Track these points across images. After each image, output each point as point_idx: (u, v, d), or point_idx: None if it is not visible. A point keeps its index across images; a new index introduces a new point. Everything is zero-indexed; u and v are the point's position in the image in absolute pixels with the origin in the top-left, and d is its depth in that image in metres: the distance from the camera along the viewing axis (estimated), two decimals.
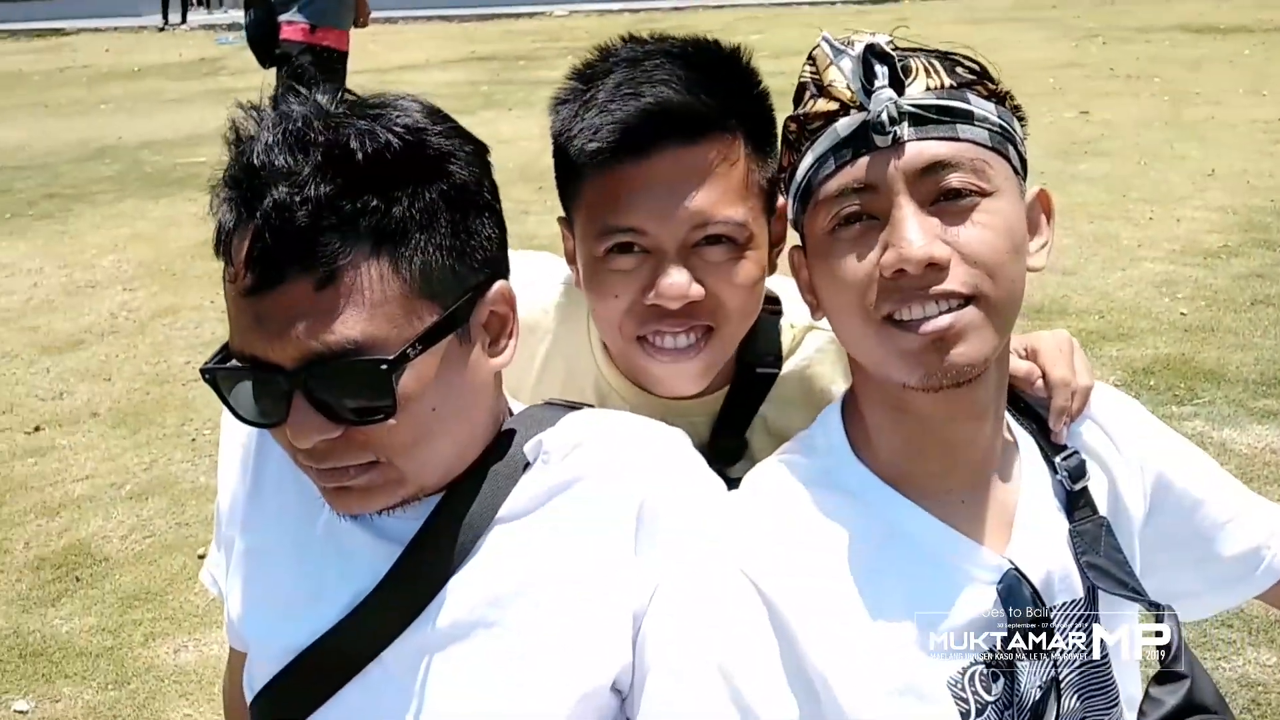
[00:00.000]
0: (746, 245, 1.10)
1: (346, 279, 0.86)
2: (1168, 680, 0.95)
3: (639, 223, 1.07)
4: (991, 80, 0.91)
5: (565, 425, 1.05)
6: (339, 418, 0.89)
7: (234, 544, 1.08)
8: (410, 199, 0.89)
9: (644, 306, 1.09)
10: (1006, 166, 0.90)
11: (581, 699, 0.96)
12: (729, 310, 1.11)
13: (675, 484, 1.02)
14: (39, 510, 3.42)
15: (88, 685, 2.59)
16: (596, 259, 1.10)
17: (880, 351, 0.89)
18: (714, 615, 0.92)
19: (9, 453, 3.83)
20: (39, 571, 3.08)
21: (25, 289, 5.63)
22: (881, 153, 0.87)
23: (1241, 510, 1.09)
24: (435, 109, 0.96)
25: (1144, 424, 1.10)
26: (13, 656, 2.70)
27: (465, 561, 0.98)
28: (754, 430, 1.27)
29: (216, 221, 0.90)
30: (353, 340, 0.86)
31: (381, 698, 0.98)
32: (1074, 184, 6.17)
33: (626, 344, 1.14)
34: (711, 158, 1.07)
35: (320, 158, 0.87)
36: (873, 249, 0.87)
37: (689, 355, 1.12)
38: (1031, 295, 4.46)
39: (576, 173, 1.10)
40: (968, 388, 0.90)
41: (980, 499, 0.97)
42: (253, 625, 1.05)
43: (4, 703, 2.54)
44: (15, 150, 9.46)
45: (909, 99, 0.87)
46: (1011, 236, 0.88)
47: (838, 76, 0.89)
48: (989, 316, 0.87)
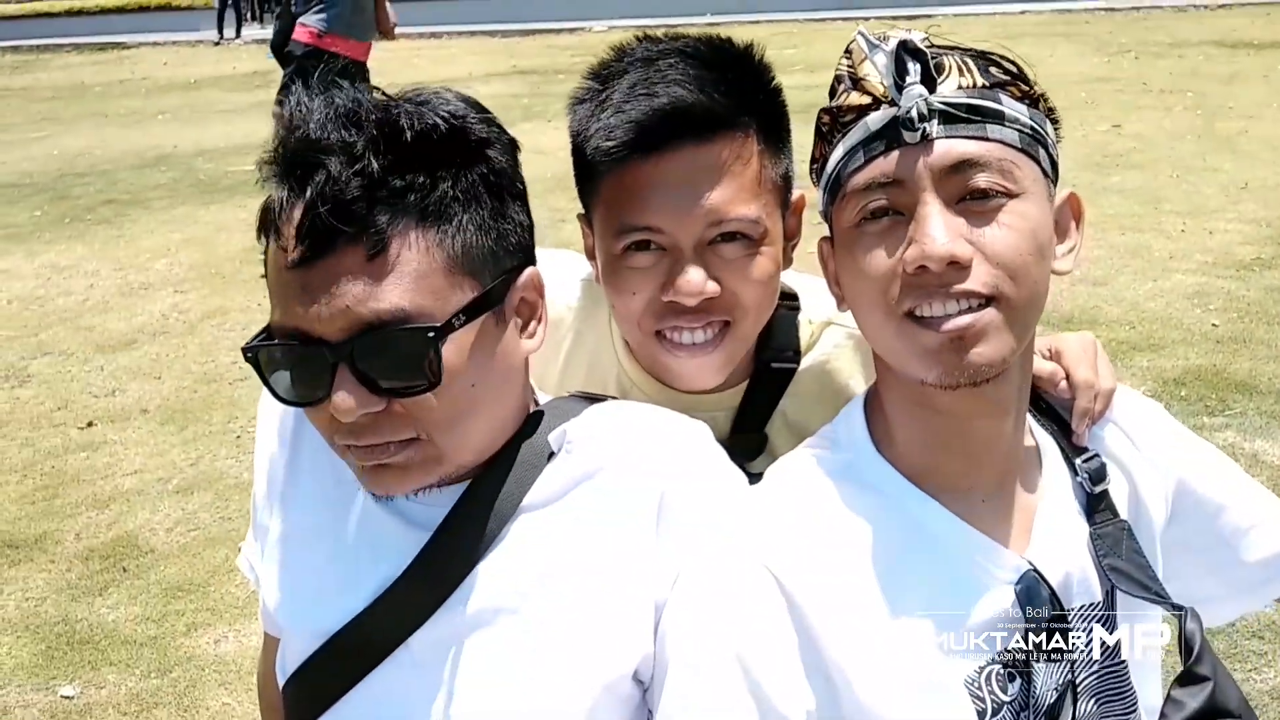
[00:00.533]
0: (761, 241, 1.11)
1: (394, 250, 0.88)
2: (1190, 682, 0.93)
3: (655, 221, 1.08)
4: (1026, 82, 0.91)
5: (589, 416, 1.06)
6: (382, 390, 0.90)
7: (269, 530, 1.09)
8: (454, 179, 0.92)
9: (661, 303, 1.11)
10: (1035, 169, 0.89)
11: (604, 688, 0.96)
12: (745, 305, 1.12)
13: (696, 476, 1.02)
14: (89, 503, 3.49)
15: (131, 673, 2.63)
16: (614, 256, 1.12)
17: (900, 346, 0.89)
18: (734, 607, 0.93)
19: (63, 447, 3.92)
20: (88, 562, 3.14)
21: (82, 290, 5.76)
22: (910, 149, 0.87)
23: (1266, 516, 1.08)
24: (474, 100, 0.98)
25: (1166, 428, 1.09)
26: (60, 644, 2.76)
27: (491, 549, 0.99)
28: (773, 426, 1.27)
29: (263, 203, 0.92)
30: (401, 309, 0.88)
31: (409, 682, 0.99)
32: (1106, 196, 6.08)
33: (645, 339, 1.15)
34: (725, 156, 1.08)
35: (372, 133, 0.90)
36: (898, 244, 0.87)
37: (706, 350, 1.13)
38: (1061, 305, 4.49)
39: (593, 171, 1.12)
40: (989, 386, 0.90)
41: (1002, 499, 0.97)
42: (286, 610, 1.06)
43: (51, 688, 2.59)
44: (76, 158, 9.70)
45: (940, 96, 0.87)
46: (1036, 238, 0.88)
47: (871, 71, 0.89)
48: (1009, 317, 0.87)
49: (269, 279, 0.93)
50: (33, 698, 2.56)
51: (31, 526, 3.36)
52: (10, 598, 2.98)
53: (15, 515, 3.43)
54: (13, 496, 3.56)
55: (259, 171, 0.93)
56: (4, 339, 5.04)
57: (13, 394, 4.42)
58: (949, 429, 0.94)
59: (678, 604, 0.96)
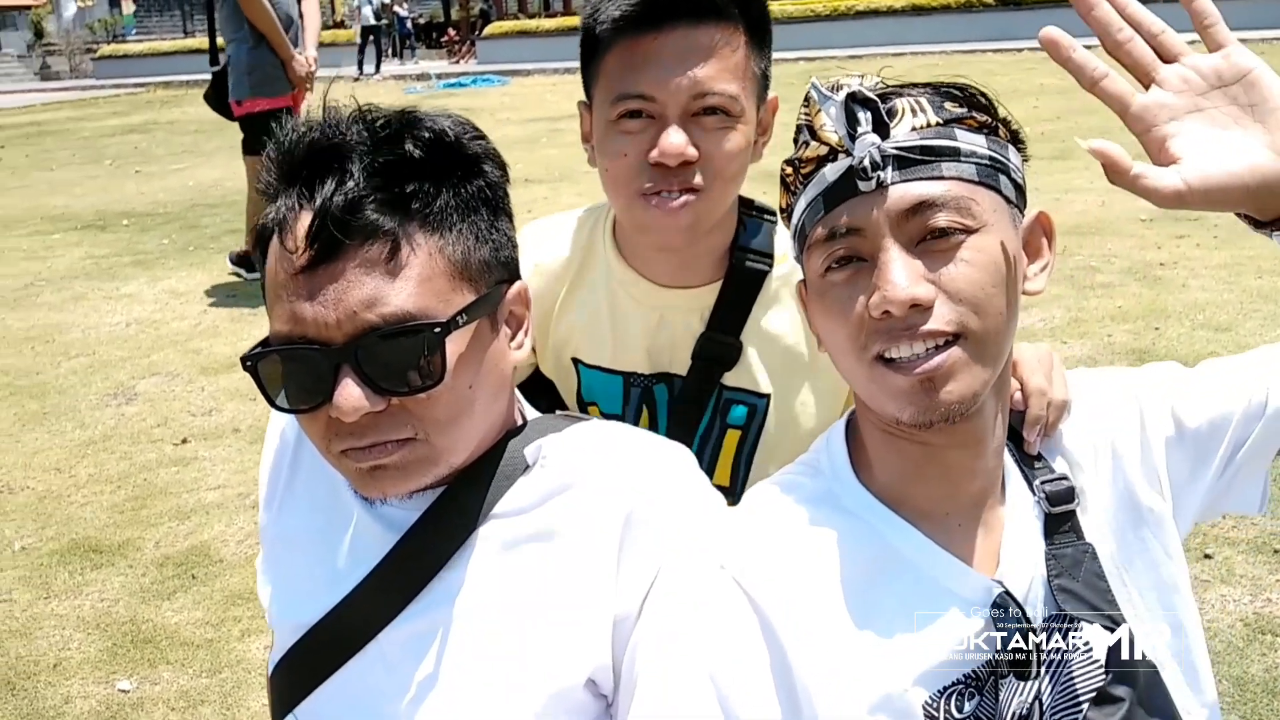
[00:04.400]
0: (738, 119, 1.27)
1: (399, 254, 0.94)
2: (1105, 702, 0.94)
3: (647, 89, 1.25)
4: (984, 111, 0.93)
5: (570, 433, 1.11)
6: (385, 390, 0.94)
7: (267, 532, 1.17)
8: (453, 189, 0.99)
9: (647, 164, 1.27)
10: (995, 198, 0.91)
11: (551, 697, 1.01)
12: (717, 171, 1.28)
13: (667, 496, 1.06)
14: (172, 514, 3.74)
15: (184, 672, 2.82)
16: (610, 123, 1.29)
17: (873, 389, 0.93)
18: (707, 625, 0.96)
19: (156, 461, 4.20)
20: (162, 568, 3.37)
21: (195, 315, 6.13)
22: (867, 197, 0.89)
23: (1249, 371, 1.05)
24: (467, 120, 1.05)
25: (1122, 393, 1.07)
26: (126, 642, 2.98)
27: (458, 554, 1.04)
28: (748, 333, 1.39)
29: (264, 218, 0.98)
30: (406, 310, 0.93)
31: (378, 678, 1.05)
32: (1249, 238, 5.84)
33: (630, 199, 1.30)
34: (714, 38, 1.25)
35: (374, 144, 0.96)
36: (862, 290, 0.90)
37: (680, 209, 1.28)
38: (1176, 350, 4.32)
39: (599, 48, 1.29)
40: (964, 420, 0.92)
41: (975, 522, 0.99)
42: (276, 605, 1.14)
43: (110, 682, 2.80)
44: (209, 188, 10.28)
45: (893, 142, 0.89)
46: (998, 269, 0.90)
47: (826, 121, 0.92)
48: (977, 351, 0.89)
49: (268, 291, 0.99)
50: (92, 690, 2.77)
51: (117, 533, 3.62)
52: (88, 598, 3.23)
53: (105, 522, 3.71)
54: (105, 505, 3.84)
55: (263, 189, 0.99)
56: (118, 359, 5.42)
57: (119, 410, 4.75)
58: (926, 459, 0.96)
59: (651, 619, 1.00)
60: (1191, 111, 0.87)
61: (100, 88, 26.22)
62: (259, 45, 5.97)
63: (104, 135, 15.49)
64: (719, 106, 1.26)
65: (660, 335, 1.41)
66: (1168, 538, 1.02)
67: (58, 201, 10.18)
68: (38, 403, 4.91)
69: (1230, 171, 0.84)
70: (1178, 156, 0.86)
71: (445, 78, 21.63)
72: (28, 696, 2.77)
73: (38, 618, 3.13)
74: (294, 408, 0.98)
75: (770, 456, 1.41)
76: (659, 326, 1.41)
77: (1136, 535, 1.02)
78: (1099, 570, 0.97)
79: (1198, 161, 0.85)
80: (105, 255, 7.79)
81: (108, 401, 4.87)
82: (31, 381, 5.20)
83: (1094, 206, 6.91)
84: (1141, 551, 1.01)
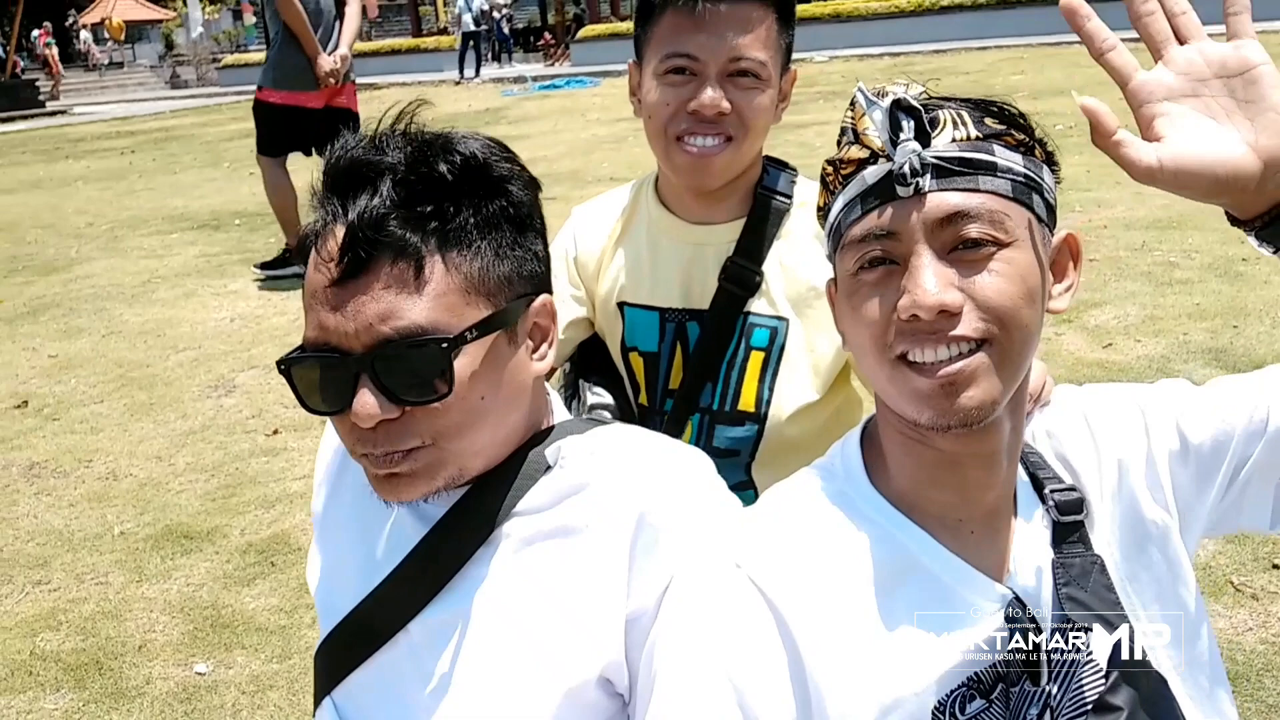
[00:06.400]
0: (765, 83, 1.51)
1: (417, 270, 0.99)
2: (1104, 711, 0.93)
3: (692, 50, 1.48)
4: (1021, 130, 0.94)
5: (589, 435, 1.14)
6: (399, 399, 0.99)
7: (318, 518, 1.24)
8: (475, 209, 1.03)
9: (686, 113, 1.49)
10: (1028, 215, 0.92)
11: (567, 694, 1.03)
12: (745, 124, 1.50)
13: (681, 498, 1.08)
14: (259, 502, 3.85)
15: (256, 657, 2.90)
16: (658, 77, 1.52)
17: (894, 389, 0.94)
18: (723, 623, 0.97)
19: (249, 451, 4.34)
20: (245, 555, 3.48)
21: (295, 310, 6.31)
22: (904, 202, 0.91)
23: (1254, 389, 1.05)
24: (498, 142, 1.09)
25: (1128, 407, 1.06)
26: (206, 626, 3.08)
27: (481, 550, 1.08)
28: (769, 264, 1.58)
29: (307, 226, 1.05)
30: (419, 325, 0.98)
31: (407, 667, 1.09)
32: None
33: (669, 144, 1.52)
34: (752, 13, 1.48)
35: (403, 165, 1.01)
36: (892, 292, 0.92)
37: (712, 153, 1.50)
38: (1255, 350, 4.11)
39: (653, 13, 1.52)
40: (981, 430, 0.93)
41: (987, 529, 1.00)
42: (319, 592, 1.19)
43: (189, 664, 2.89)
44: (305, 190, 10.59)
45: (933, 151, 0.91)
46: (1025, 283, 0.91)
47: (870, 126, 0.93)
48: (999, 361, 0.90)
49: (304, 298, 1.04)
50: (172, 671, 2.87)
51: (207, 520, 3.75)
52: (175, 582, 3.35)
53: (197, 510, 3.84)
54: (199, 493, 3.99)
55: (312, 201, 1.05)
56: (220, 353, 5.62)
57: (218, 402, 4.93)
58: (942, 465, 0.97)
59: (667, 618, 1.01)
60: (1187, 95, 0.90)
61: (223, 95, 27.32)
62: (290, 41, 6.13)
63: (224, 140, 16.12)
64: (750, 70, 1.49)
65: (694, 269, 1.60)
66: (1173, 552, 1.02)
67: (178, 203, 10.63)
68: (146, 393, 5.13)
69: (1202, 159, 0.88)
70: (1161, 135, 0.89)
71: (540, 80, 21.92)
72: (112, 676, 2.88)
73: (129, 600, 3.26)
74: (323, 410, 1.04)
75: (791, 376, 1.58)
76: (692, 261, 1.60)
77: (1141, 549, 1.02)
78: (1108, 582, 0.98)
79: (1177, 143, 0.88)
80: (216, 254, 8.10)
81: (209, 393, 5.05)
82: (143, 373, 5.43)
83: (1176, 200, 6.54)
84: (1146, 566, 1.02)
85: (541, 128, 14.06)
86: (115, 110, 27.05)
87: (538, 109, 16.91)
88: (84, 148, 17.55)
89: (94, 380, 5.39)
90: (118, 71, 38.03)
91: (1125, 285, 5.32)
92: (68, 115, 26.84)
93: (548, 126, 14.11)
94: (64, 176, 13.77)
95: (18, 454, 4.52)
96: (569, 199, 9.06)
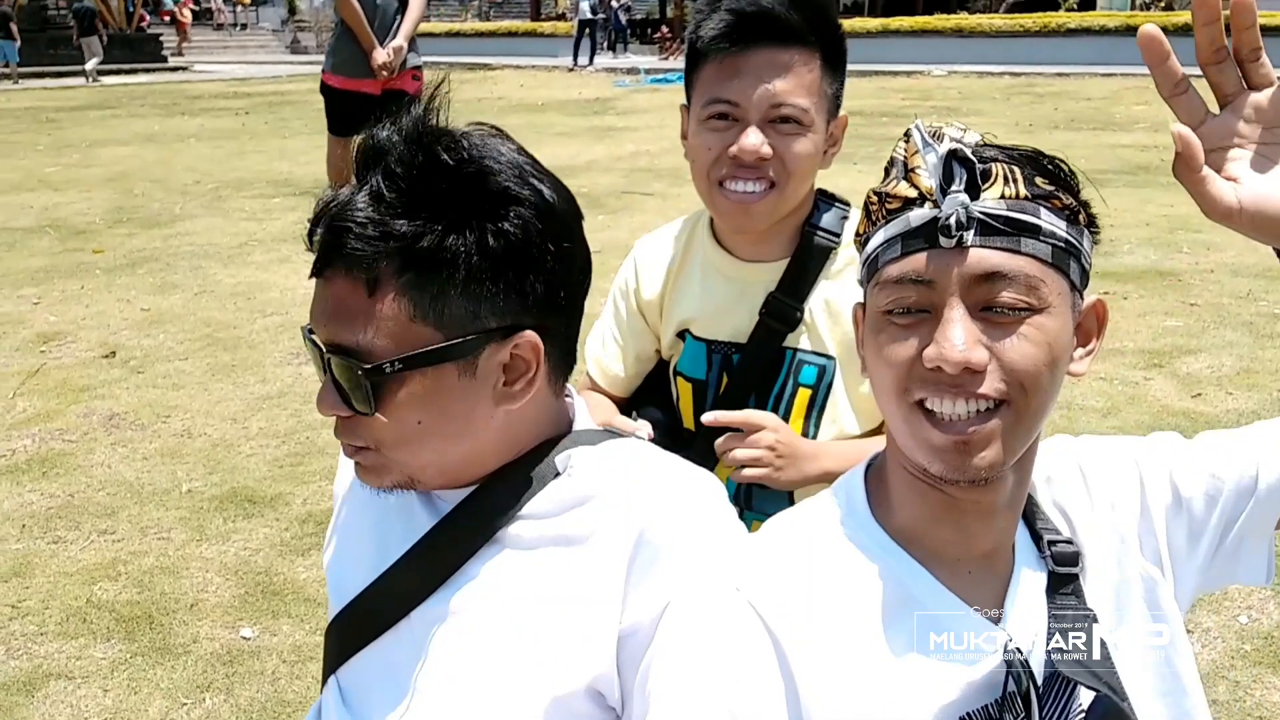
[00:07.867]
0: (808, 129, 1.48)
1: (366, 287, 0.98)
2: None
3: (734, 96, 1.46)
4: (1069, 193, 0.93)
5: (601, 447, 1.13)
6: (347, 402, 1.03)
7: (341, 498, 1.26)
8: (442, 235, 0.98)
9: (728, 158, 1.48)
10: (1062, 283, 0.92)
11: (554, 700, 1.04)
12: (788, 170, 1.48)
13: (684, 518, 1.07)
14: (323, 473, 3.90)
15: (301, 626, 2.93)
16: (701, 122, 1.51)
17: (908, 433, 0.94)
18: (722, 647, 0.97)
19: (321, 421, 4.38)
20: (304, 524, 3.52)
21: None
22: (944, 252, 0.90)
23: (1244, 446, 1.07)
24: (527, 159, 1.05)
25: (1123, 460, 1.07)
26: (257, 592, 3.12)
27: (485, 547, 1.09)
28: (814, 300, 1.57)
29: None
30: (351, 343, 1.00)
31: (406, 655, 1.10)
32: None
33: (711, 188, 1.52)
34: (794, 59, 1.45)
35: (381, 174, 0.99)
36: (920, 338, 0.92)
37: (754, 200, 1.49)
38: None
39: (699, 59, 1.51)
40: (987, 483, 0.94)
41: (985, 572, 1.00)
42: (331, 570, 1.22)
43: (236, 628, 2.94)
44: None
45: (981, 205, 0.90)
46: (1052, 351, 0.91)
47: (922, 166, 0.93)
48: (1016, 423, 0.91)
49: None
50: (219, 633, 2.92)
51: (273, 487, 3.81)
52: (234, 544, 3.41)
53: (264, 475, 3.91)
54: (269, 459, 4.06)
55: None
56: (301, 319, 5.71)
57: (298, 370, 5.01)
58: (945, 508, 0.98)
59: (665, 640, 1.01)
60: (1256, 143, 0.90)
61: None
62: (349, 30, 6.22)
63: None
64: (792, 116, 1.46)
65: (741, 305, 1.60)
66: (1163, 608, 1.02)
67: (284, 167, 10.90)
68: (230, 354, 5.25)
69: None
70: (1236, 178, 0.89)
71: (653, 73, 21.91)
72: (162, 632, 2.94)
73: (187, 559, 3.33)
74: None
75: (836, 415, 1.57)
76: (740, 297, 1.60)
77: (1130, 604, 1.02)
78: (1099, 636, 0.98)
79: (1255, 186, 0.88)
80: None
81: (289, 360, 5.15)
82: (229, 334, 5.57)
83: None
84: (1134, 621, 1.02)
85: (648, 121, 14.09)
86: (234, 71, 27.90)
87: (647, 102, 16.93)
88: (200, 105, 18.13)
89: (181, 337, 5.54)
90: (241, 33, 39.20)
91: (1224, 334, 5.10)
92: (188, 72, 27.78)
93: (654, 121, 14.10)
94: (178, 132, 14.24)
95: (100, 403, 4.66)
96: (666, 195, 9.05)
